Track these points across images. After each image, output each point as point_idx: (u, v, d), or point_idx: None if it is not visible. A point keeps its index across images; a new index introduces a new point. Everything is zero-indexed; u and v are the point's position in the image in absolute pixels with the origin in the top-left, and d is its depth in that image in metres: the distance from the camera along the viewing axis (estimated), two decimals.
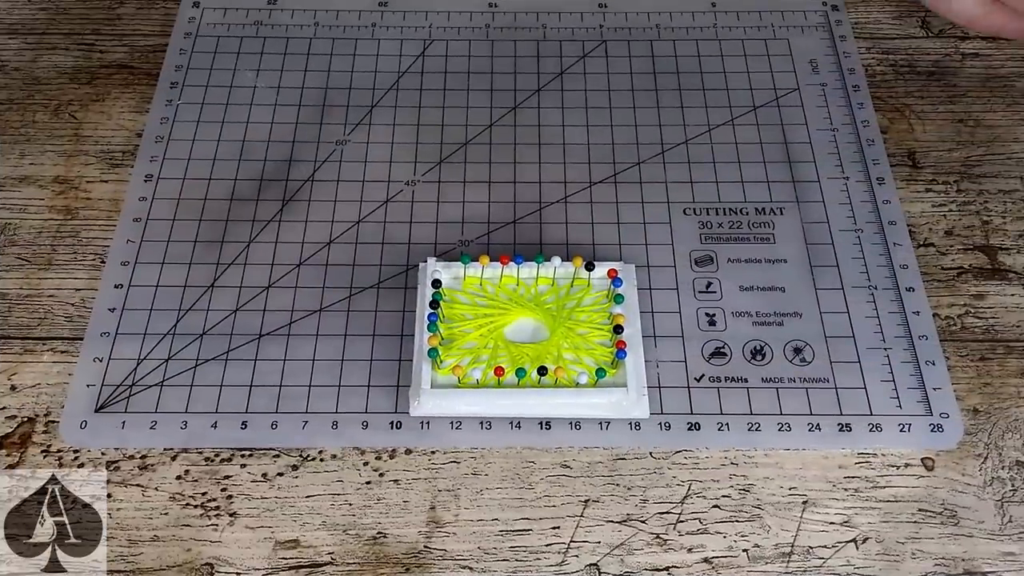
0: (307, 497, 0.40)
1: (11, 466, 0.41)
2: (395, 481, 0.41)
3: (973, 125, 0.53)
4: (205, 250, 0.47)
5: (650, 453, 0.42)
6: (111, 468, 0.41)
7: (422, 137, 0.52)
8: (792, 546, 0.39)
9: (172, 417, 0.42)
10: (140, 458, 0.41)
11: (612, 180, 0.50)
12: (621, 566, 0.39)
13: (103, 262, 0.47)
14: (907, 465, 0.41)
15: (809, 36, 0.57)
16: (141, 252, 0.47)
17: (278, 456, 0.41)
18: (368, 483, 0.41)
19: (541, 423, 0.42)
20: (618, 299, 0.44)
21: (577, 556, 0.39)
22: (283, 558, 0.39)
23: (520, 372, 0.41)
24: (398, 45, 0.56)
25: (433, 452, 0.41)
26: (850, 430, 0.42)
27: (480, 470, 0.41)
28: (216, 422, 0.42)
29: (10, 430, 0.42)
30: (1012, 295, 0.46)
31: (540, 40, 0.57)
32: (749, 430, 0.42)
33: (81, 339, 0.44)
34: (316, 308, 0.45)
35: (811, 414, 0.42)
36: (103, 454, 0.41)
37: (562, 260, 0.45)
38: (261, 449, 0.41)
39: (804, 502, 0.40)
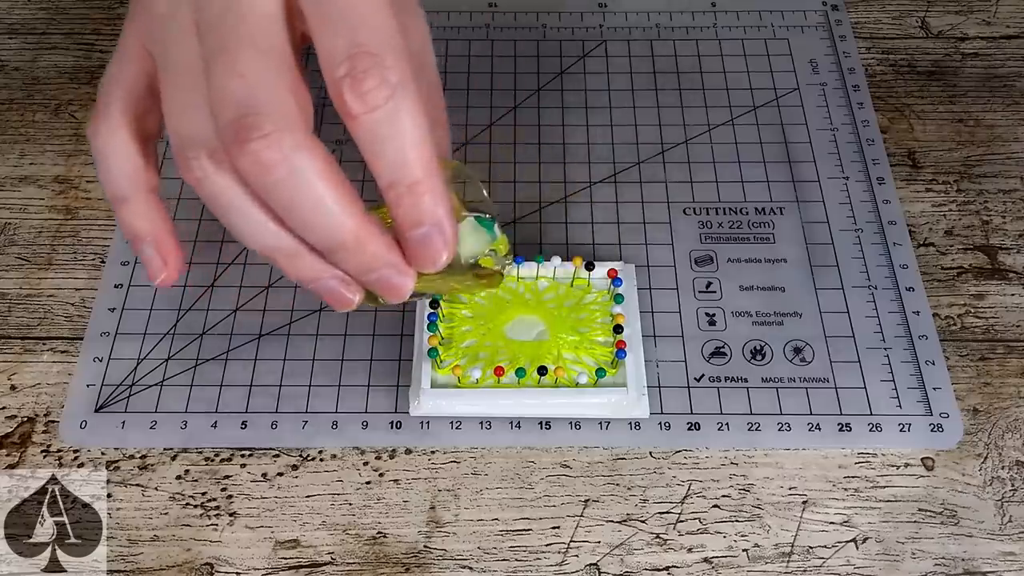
0: (307, 497, 0.40)
1: (11, 466, 0.41)
2: (395, 481, 0.41)
3: (973, 125, 0.53)
4: (205, 250, 0.47)
5: (650, 453, 0.42)
6: (111, 468, 0.41)
7: None
8: (792, 546, 0.39)
9: (172, 417, 0.42)
10: (140, 458, 0.41)
11: (612, 180, 0.50)
12: (621, 566, 0.39)
13: (103, 262, 0.47)
14: (907, 465, 0.41)
15: (809, 36, 0.57)
16: None
17: (278, 456, 0.41)
18: (368, 483, 0.41)
19: (541, 423, 0.42)
20: (618, 299, 0.44)
21: (577, 556, 0.39)
22: (283, 558, 0.39)
23: (520, 372, 0.41)
24: None
25: (433, 452, 0.41)
26: (850, 430, 0.42)
27: (480, 470, 0.41)
28: (216, 422, 0.42)
29: (10, 430, 0.42)
30: (1012, 295, 0.46)
31: (540, 40, 0.57)
32: (749, 430, 0.42)
33: (81, 339, 0.44)
34: (316, 308, 0.45)
35: (811, 414, 0.42)
36: (103, 454, 0.41)
37: (562, 260, 0.44)
38: (261, 449, 0.41)
39: (804, 502, 0.40)
